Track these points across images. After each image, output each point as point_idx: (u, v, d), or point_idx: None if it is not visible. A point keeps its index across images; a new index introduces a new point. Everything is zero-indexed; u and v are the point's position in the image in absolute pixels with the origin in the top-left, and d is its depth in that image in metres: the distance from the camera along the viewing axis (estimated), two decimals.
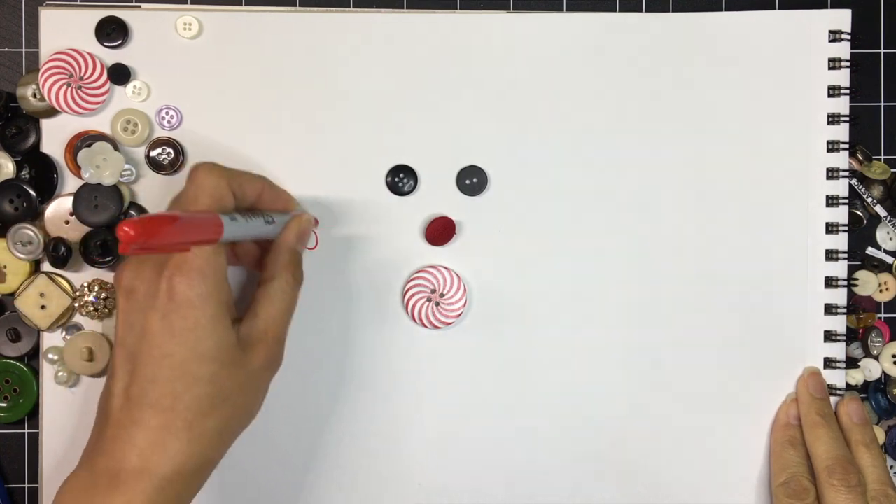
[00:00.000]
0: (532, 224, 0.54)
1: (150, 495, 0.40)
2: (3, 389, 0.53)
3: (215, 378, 0.42)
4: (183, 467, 0.41)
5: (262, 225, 0.46)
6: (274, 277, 0.46)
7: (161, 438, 0.41)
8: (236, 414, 0.44)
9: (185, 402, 0.41)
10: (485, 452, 0.54)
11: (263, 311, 0.46)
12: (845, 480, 0.50)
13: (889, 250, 0.56)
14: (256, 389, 0.46)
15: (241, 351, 0.43)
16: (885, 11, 0.56)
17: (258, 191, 0.47)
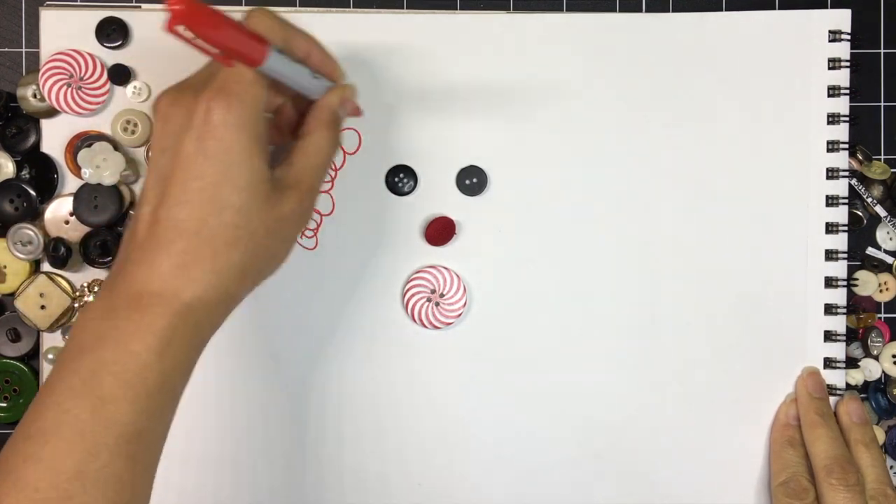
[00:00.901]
0: (532, 224, 0.54)
1: (170, 319, 0.39)
2: (3, 389, 0.53)
3: (244, 209, 0.40)
4: (204, 294, 0.40)
5: (307, 76, 0.44)
6: (312, 132, 0.45)
7: (184, 263, 0.39)
8: (261, 254, 0.42)
9: (212, 229, 0.39)
10: (485, 452, 0.54)
11: (299, 161, 0.44)
12: (844, 480, 0.50)
13: (889, 250, 0.56)
14: (284, 237, 0.43)
15: (272, 191, 0.42)
16: (885, 11, 0.56)
17: (307, 50, 0.45)
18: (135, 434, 0.38)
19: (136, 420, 0.38)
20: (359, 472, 0.54)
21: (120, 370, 0.38)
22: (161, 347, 0.38)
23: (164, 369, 0.39)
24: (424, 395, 0.54)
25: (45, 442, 0.37)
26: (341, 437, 0.54)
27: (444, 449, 0.54)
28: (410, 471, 0.54)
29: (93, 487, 0.37)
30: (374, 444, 0.54)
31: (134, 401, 0.38)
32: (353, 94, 0.47)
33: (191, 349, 0.40)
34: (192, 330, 0.40)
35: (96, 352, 0.38)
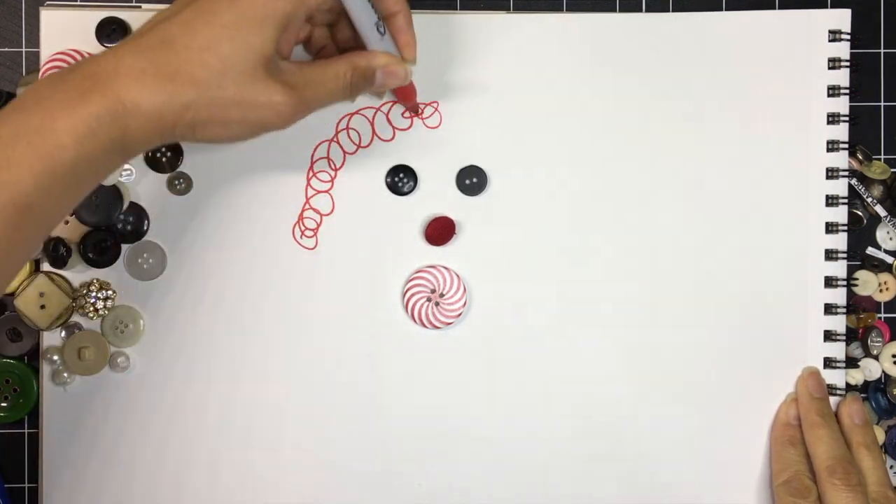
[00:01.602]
0: (532, 224, 0.54)
1: (101, 110, 0.39)
2: (3, 389, 0.53)
3: (230, 64, 0.41)
4: (144, 105, 0.40)
5: (372, 22, 0.45)
6: (339, 63, 0.45)
7: (145, 69, 0.40)
8: (215, 111, 0.42)
9: (190, 56, 0.40)
10: (485, 452, 0.54)
11: (311, 73, 0.45)
12: (846, 480, 0.50)
13: (889, 250, 0.56)
14: (245, 119, 0.43)
15: (266, 72, 0.42)
16: (885, 11, 0.56)
17: (394, 9, 0.46)
18: (26, 206, 0.38)
19: (33, 194, 0.38)
20: (359, 472, 0.54)
21: (37, 141, 0.38)
22: (83, 134, 0.39)
23: (78, 157, 0.39)
24: (424, 395, 0.54)
25: None
26: (341, 437, 0.54)
27: (444, 449, 0.54)
28: (410, 471, 0.54)
29: None
30: (374, 444, 0.54)
31: (38, 175, 0.38)
32: (402, 71, 0.47)
33: (109, 151, 0.40)
34: (117, 132, 0.40)
35: (26, 115, 0.39)
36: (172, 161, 0.53)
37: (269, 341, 0.53)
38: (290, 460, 0.54)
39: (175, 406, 0.53)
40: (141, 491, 0.53)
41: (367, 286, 0.54)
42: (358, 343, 0.54)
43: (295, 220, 0.53)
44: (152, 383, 0.53)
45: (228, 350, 0.53)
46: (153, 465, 0.53)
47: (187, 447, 0.53)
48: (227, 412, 0.53)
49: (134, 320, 0.53)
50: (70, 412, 0.53)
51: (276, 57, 0.43)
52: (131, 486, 0.53)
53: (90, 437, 0.53)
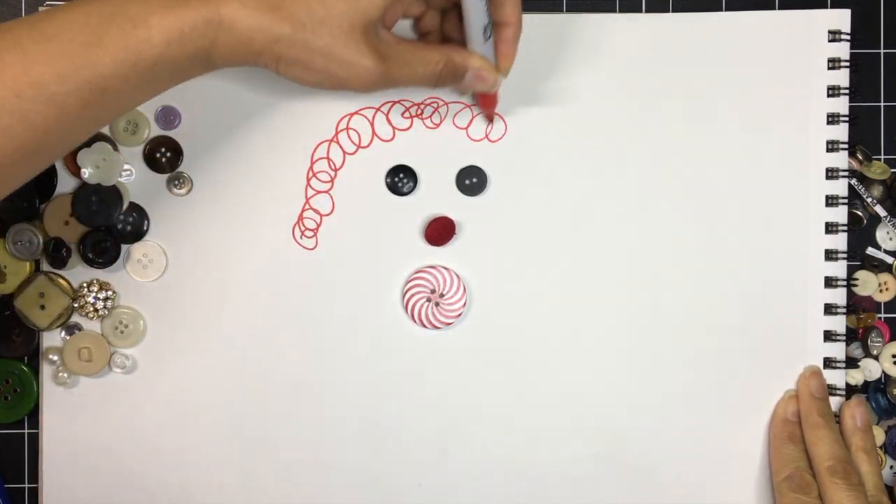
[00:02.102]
0: (532, 224, 0.54)
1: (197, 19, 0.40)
2: (4, 389, 0.53)
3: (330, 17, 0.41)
4: (239, 23, 0.41)
5: (481, 26, 0.45)
6: (434, 51, 0.46)
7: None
8: (301, 54, 0.42)
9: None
10: (485, 452, 0.54)
11: (405, 51, 0.45)
12: (847, 480, 0.50)
13: (889, 250, 0.56)
14: (328, 71, 0.44)
15: (364, 35, 0.43)
16: (885, 11, 0.56)
17: (506, 19, 0.47)
18: (101, 88, 0.39)
19: (110, 78, 0.39)
20: (359, 472, 0.54)
21: (128, 29, 0.39)
22: (173, 37, 0.40)
23: (161, 56, 0.40)
24: (424, 395, 0.54)
25: (36, 40, 0.39)
26: (341, 437, 0.54)
27: (444, 449, 0.54)
28: (410, 471, 0.54)
29: (39, 104, 0.38)
30: (374, 444, 0.54)
31: (119, 62, 0.39)
32: (492, 79, 0.48)
33: (192, 58, 0.41)
34: (206, 42, 0.41)
35: (128, 1, 0.40)
36: (172, 161, 0.53)
37: (269, 341, 0.53)
38: (289, 460, 0.54)
39: (175, 406, 0.53)
40: (141, 491, 0.53)
41: (367, 286, 0.54)
42: (358, 343, 0.54)
43: (295, 220, 0.53)
44: (152, 384, 0.53)
45: (228, 350, 0.53)
46: (153, 465, 0.53)
47: (187, 447, 0.53)
48: (226, 412, 0.53)
49: (134, 320, 0.53)
50: (70, 412, 0.53)
51: (379, 24, 0.43)
52: (131, 486, 0.53)
53: (90, 437, 0.53)
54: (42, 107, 0.39)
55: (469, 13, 0.45)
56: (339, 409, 0.54)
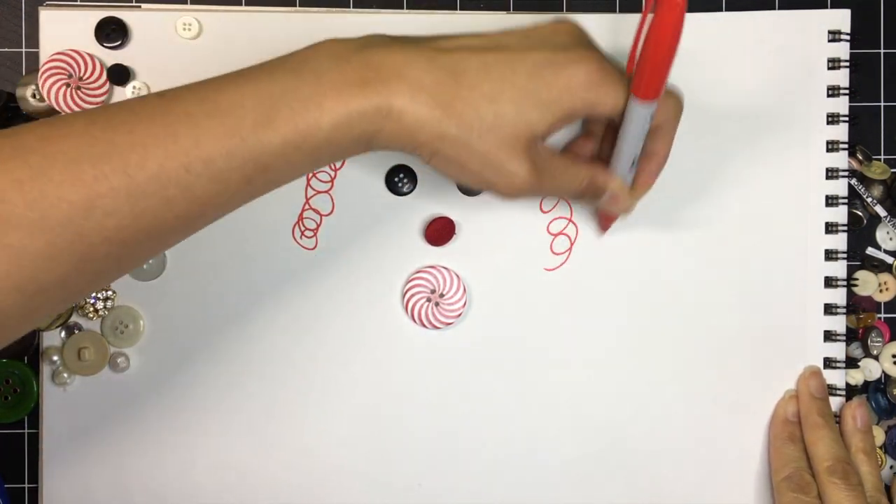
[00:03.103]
0: (531, 224, 0.54)
1: (369, 108, 0.39)
2: (3, 389, 0.53)
3: (498, 126, 0.41)
4: (407, 116, 0.40)
5: (632, 155, 0.46)
6: (582, 169, 0.46)
7: (426, 87, 0.40)
8: (461, 155, 0.42)
9: (474, 97, 0.41)
10: (485, 452, 0.54)
11: (557, 162, 0.45)
12: (847, 480, 0.50)
13: (889, 250, 0.56)
14: (482, 175, 0.43)
15: (525, 146, 0.42)
16: (885, 11, 0.56)
17: (656, 151, 0.47)
18: (264, 166, 0.39)
19: (275, 157, 0.39)
20: (359, 473, 0.54)
21: (300, 112, 0.39)
22: (342, 123, 0.39)
23: (327, 140, 0.39)
24: (424, 395, 0.54)
25: (209, 115, 0.38)
26: (341, 437, 0.54)
27: (444, 449, 0.54)
28: (410, 471, 0.54)
29: (205, 179, 0.38)
30: (374, 445, 0.54)
31: (286, 143, 0.39)
32: (626, 205, 0.48)
33: (355, 142, 0.41)
34: (371, 129, 0.40)
35: (299, 81, 0.39)
36: None
37: (269, 342, 0.53)
38: (289, 460, 0.54)
39: (175, 406, 0.53)
40: (141, 490, 0.53)
41: (367, 286, 0.54)
42: (357, 343, 0.54)
43: (295, 220, 0.53)
44: (152, 384, 0.53)
45: (228, 350, 0.53)
46: (153, 465, 0.53)
47: (187, 447, 0.53)
48: (226, 412, 0.53)
49: (134, 321, 0.53)
50: (70, 412, 0.53)
51: (541, 139, 0.43)
52: (131, 486, 0.53)
53: (90, 437, 0.53)
54: (207, 182, 0.38)
55: (624, 144, 0.45)
56: (338, 408, 0.54)
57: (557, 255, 0.54)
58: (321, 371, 0.54)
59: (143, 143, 0.37)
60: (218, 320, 0.53)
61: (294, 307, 0.53)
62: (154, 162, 0.37)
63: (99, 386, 0.53)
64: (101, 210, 0.36)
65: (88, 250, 0.37)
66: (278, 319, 0.53)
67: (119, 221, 0.37)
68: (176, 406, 0.53)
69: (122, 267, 0.40)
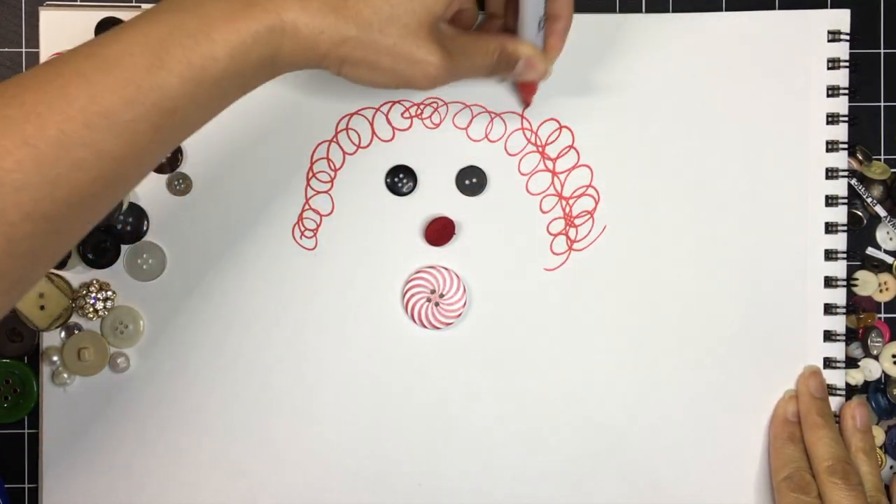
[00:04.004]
0: (531, 224, 0.54)
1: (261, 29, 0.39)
2: (3, 390, 0.53)
3: (396, 15, 0.41)
4: (303, 28, 0.40)
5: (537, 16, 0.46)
6: (491, 41, 0.46)
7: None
8: (369, 54, 0.42)
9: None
10: (485, 452, 0.54)
11: (465, 40, 0.45)
12: (846, 480, 0.50)
13: (889, 250, 0.56)
14: (396, 69, 0.43)
15: (429, 31, 0.42)
16: (885, 11, 0.56)
17: (559, 13, 0.47)
18: (170, 110, 0.38)
19: (178, 98, 0.38)
20: (359, 473, 0.54)
21: (191, 47, 0.38)
22: (237, 49, 0.39)
23: (227, 70, 0.39)
24: (424, 396, 0.54)
25: (99, 69, 0.37)
26: (341, 437, 0.54)
27: (444, 449, 0.54)
28: (410, 471, 0.54)
29: (111, 133, 0.37)
30: (374, 445, 0.54)
31: (185, 81, 0.38)
32: (542, 67, 0.48)
33: (258, 68, 0.40)
34: (270, 51, 0.40)
35: (184, 16, 0.39)
36: (172, 161, 0.53)
37: (269, 342, 0.53)
38: (289, 460, 0.54)
39: (175, 406, 0.53)
40: (141, 491, 0.53)
41: (367, 287, 0.54)
42: (358, 343, 0.54)
43: (295, 220, 0.53)
44: (152, 384, 0.53)
45: (228, 350, 0.53)
46: (153, 465, 0.53)
47: (187, 447, 0.53)
48: (226, 412, 0.53)
49: (133, 321, 0.53)
50: (70, 413, 0.53)
51: (440, 19, 0.43)
52: (131, 486, 0.53)
53: (90, 437, 0.53)
54: (113, 136, 0.37)
55: (526, 6, 0.46)
56: (338, 409, 0.54)
57: (557, 255, 0.54)
58: (321, 371, 0.54)
59: (36, 112, 0.36)
60: (218, 320, 0.53)
61: (294, 307, 0.54)
62: (53, 127, 0.36)
63: (99, 386, 0.53)
64: (11, 185, 0.35)
65: (10, 230, 0.36)
66: (278, 320, 0.53)
67: (33, 194, 0.36)
68: (176, 406, 0.53)
69: (57, 244, 0.39)
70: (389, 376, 0.54)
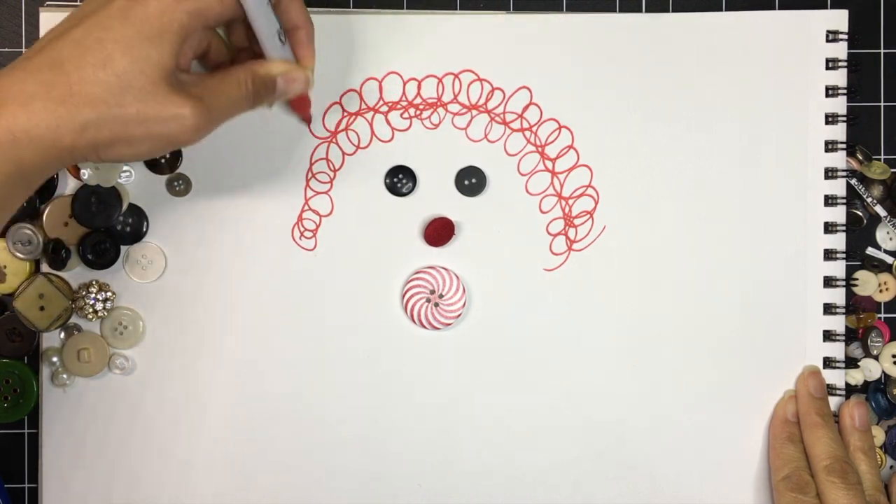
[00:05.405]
0: (531, 224, 0.54)
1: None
2: (3, 389, 0.53)
3: (126, 79, 0.39)
4: (34, 130, 0.38)
5: (274, 32, 0.44)
6: (239, 72, 0.44)
7: (35, 93, 0.38)
8: (117, 130, 0.40)
9: (84, 75, 0.38)
10: (485, 452, 0.54)
11: (213, 84, 0.43)
12: (845, 479, 0.50)
13: (889, 250, 0.56)
14: (151, 134, 0.41)
15: (168, 86, 0.40)
16: (884, 11, 0.56)
17: (297, 22, 0.46)
18: None
19: None
20: (359, 473, 0.54)
21: None
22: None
23: None
24: (424, 396, 0.54)
25: None
26: (341, 438, 0.54)
27: (444, 449, 0.54)
28: (410, 471, 0.54)
29: None
30: (374, 445, 0.54)
31: None
32: (303, 77, 0.46)
33: (7, 186, 0.39)
34: (10, 166, 0.38)
35: None
36: (171, 162, 0.53)
37: (269, 342, 0.54)
38: (289, 461, 0.54)
39: (174, 407, 0.53)
40: (140, 491, 0.53)
41: (367, 287, 0.54)
42: (357, 344, 0.54)
43: (294, 221, 0.53)
44: (151, 385, 0.53)
45: (228, 351, 0.53)
46: (153, 465, 0.53)
47: (187, 448, 0.53)
48: (226, 413, 0.53)
49: (133, 322, 0.53)
50: (70, 413, 0.53)
51: (177, 70, 0.41)
52: (131, 486, 0.53)
53: (90, 437, 0.53)
54: None
55: (258, 23, 0.44)
56: (338, 409, 0.54)
57: (557, 255, 0.54)
58: (320, 371, 0.54)
59: None
60: (217, 321, 0.53)
61: (294, 308, 0.54)
62: None
63: (98, 387, 0.53)
64: None
65: None
66: (278, 320, 0.54)
67: None
68: (175, 407, 0.53)
69: None
70: (389, 376, 0.54)
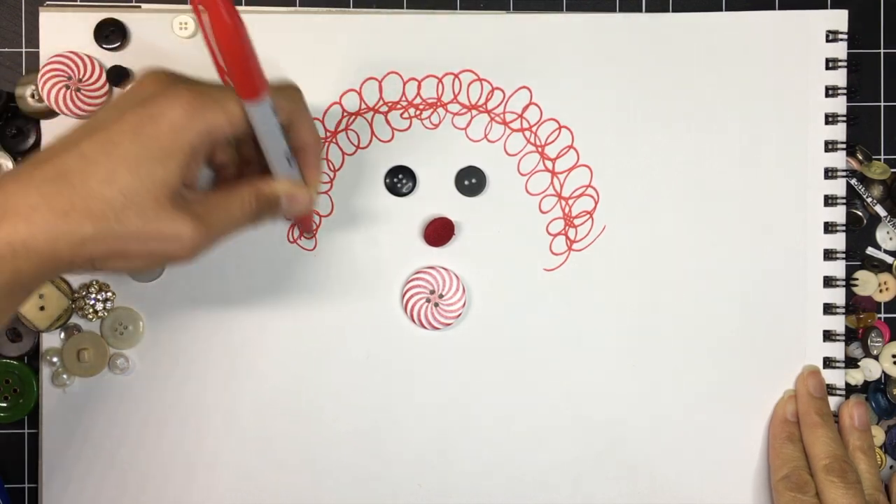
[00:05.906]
0: (531, 224, 0.54)
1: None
2: (3, 389, 0.53)
3: (130, 198, 0.39)
4: (32, 241, 0.37)
5: (282, 151, 0.44)
6: (243, 192, 0.44)
7: (37, 205, 0.38)
8: (116, 247, 0.39)
9: (88, 190, 0.38)
10: (485, 452, 0.54)
11: (216, 203, 0.43)
12: (844, 478, 0.50)
13: (889, 250, 0.56)
14: (151, 252, 0.40)
15: (171, 205, 0.40)
16: (884, 11, 0.56)
17: (305, 140, 0.45)
18: None
19: None
20: (359, 473, 0.54)
21: None
22: None
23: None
24: (424, 396, 0.54)
25: None
26: (341, 438, 0.54)
27: (444, 449, 0.54)
28: (410, 471, 0.54)
29: None
30: (374, 445, 0.54)
31: None
32: (306, 198, 0.46)
33: (7, 297, 0.38)
34: (8, 276, 0.38)
35: None
36: None
37: (269, 343, 0.54)
38: (289, 461, 0.54)
39: (174, 407, 0.53)
40: (140, 491, 0.53)
41: (367, 287, 0.54)
42: (357, 344, 0.54)
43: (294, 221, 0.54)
44: (151, 385, 0.53)
45: (227, 351, 0.53)
46: (153, 466, 0.53)
47: (186, 448, 0.53)
48: (225, 413, 0.53)
49: (133, 322, 0.53)
50: (70, 413, 0.53)
51: (182, 187, 0.41)
52: (131, 486, 0.53)
53: (90, 438, 0.53)
54: None
55: (265, 144, 0.43)
56: (338, 409, 0.54)
57: (557, 255, 0.54)
58: (320, 371, 0.54)
59: None
60: (217, 321, 0.53)
61: (293, 308, 0.54)
62: None
63: (98, 387, 0.53)
64: None
65: None
66: (278, 320, 0.54)
67: None
68: (175, 407, 0.53)
69: None
70: (389, 377, 0.54)
